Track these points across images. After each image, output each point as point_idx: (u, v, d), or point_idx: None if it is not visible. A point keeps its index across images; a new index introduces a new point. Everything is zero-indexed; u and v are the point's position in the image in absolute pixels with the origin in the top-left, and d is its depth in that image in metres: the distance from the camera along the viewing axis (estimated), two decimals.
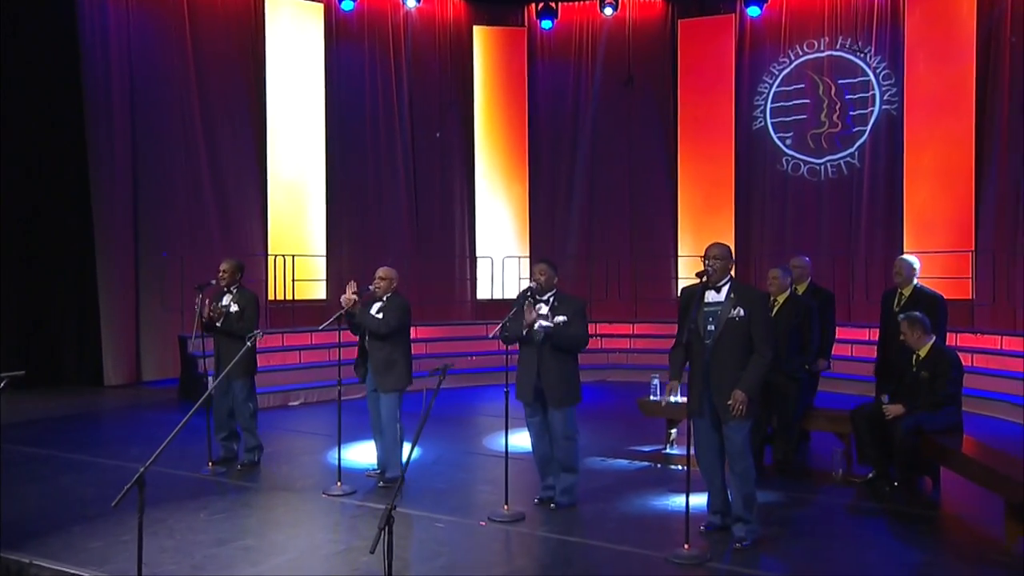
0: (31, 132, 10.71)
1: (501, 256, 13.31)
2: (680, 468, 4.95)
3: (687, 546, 4.74)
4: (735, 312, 4.93)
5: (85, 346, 11.12)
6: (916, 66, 11.94)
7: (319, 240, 12.55)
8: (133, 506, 5.39)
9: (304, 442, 7.98)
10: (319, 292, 12.26)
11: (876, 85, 12.34)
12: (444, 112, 13.54)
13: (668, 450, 7.28)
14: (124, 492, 3.77)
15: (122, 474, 6.13)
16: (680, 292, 5.32)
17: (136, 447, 7.31)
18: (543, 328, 5.40)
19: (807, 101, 12.85)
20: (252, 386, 6.91)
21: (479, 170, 13.81)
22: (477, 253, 13.67)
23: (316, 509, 5.83)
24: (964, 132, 11.49)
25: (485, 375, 10.46)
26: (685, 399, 5.34)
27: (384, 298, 6.28)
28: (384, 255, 12.29)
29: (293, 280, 11.78)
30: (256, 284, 11.26)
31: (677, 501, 5.68)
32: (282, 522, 5.52)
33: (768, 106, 13.15)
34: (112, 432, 8.67)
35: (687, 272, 12.56)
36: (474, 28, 13.80)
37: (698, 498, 5.30)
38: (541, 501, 5.75)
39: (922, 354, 6.02)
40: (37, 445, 7.59)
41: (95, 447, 7.58)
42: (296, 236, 12.33)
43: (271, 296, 11.71)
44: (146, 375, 11.21)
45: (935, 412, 5.88)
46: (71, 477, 6.50)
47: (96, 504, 5.61)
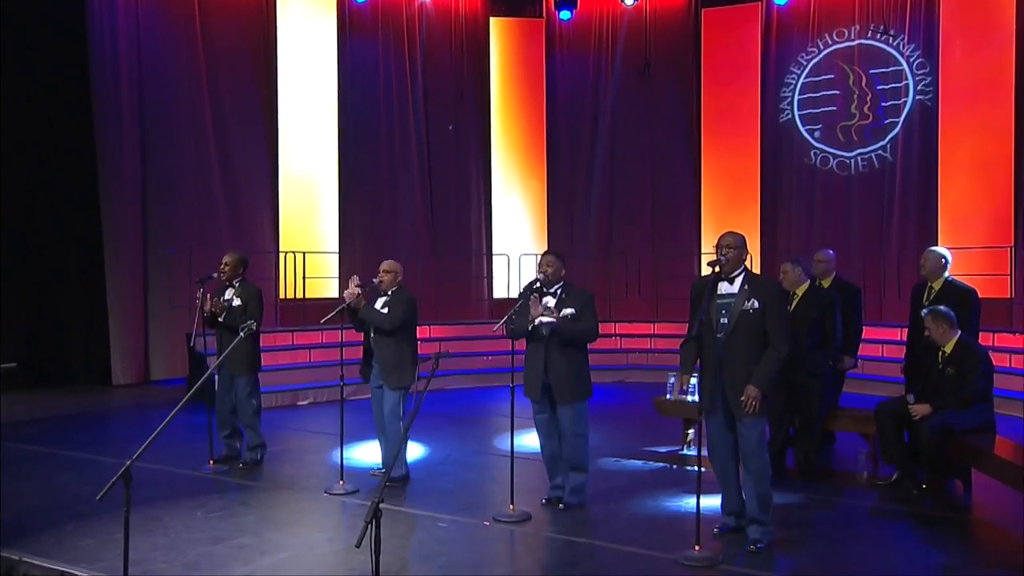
0: (39, 128, 10.84)
1: (518, 253, 13.23)
2: (697, 470, 4.84)
3: (698, 547, 4.65)
4: (749, 304, 4.83)
5: (93, 345, 11.22)
6: (951, 53, 11.72)
7: (331, 237, 12.56)
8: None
9: (311, 441, 7.97)
10: (331, 290, 12.26)
11: (909, 74, 12.13)
12: (459, 105, 13.51)
13: (685, 451, 7.17)
14: (109, 486, 3.78)
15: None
16: (693, 284, 5.21)
17: (138, 446, 7.30)
18: (545, 325, 5.32)
19: (837, 92, 12.66)
20: (255, 383, 6.90)
21: (496, 165, 13.77)
22: (493, 250, 13.62)
23: (317, 508, 5.80)
24: (1002, 122, 11.26)
25: (500, 375, 10.38)
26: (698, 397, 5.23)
27: (389, 293, 6.24)
28: (398, 252, 12.25)
29: (304, 278, 11.79)
30: (266, 282, 11.28)
31: (691, 503, 5.55)
32: (281, 521, 5.49)
33: (796, 98, 12.99)
34: (116, 431, 8.73)
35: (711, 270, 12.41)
36: (491, 19, 13.77)
37: (713, 499, 5.22)
38: (549, 501, 5.68)
39: (948, 350, 5.87)
40: (38, 443, 7.65)
41: (97, 445, 7.62)
42: (308, 232, 12.35)
43: (282, 295, 11.72)
44: (155, 374, 11.28)
45: (964, 410, 5.72)
46: (69, 475, 6.52)
47: (91, 502, 5.60)
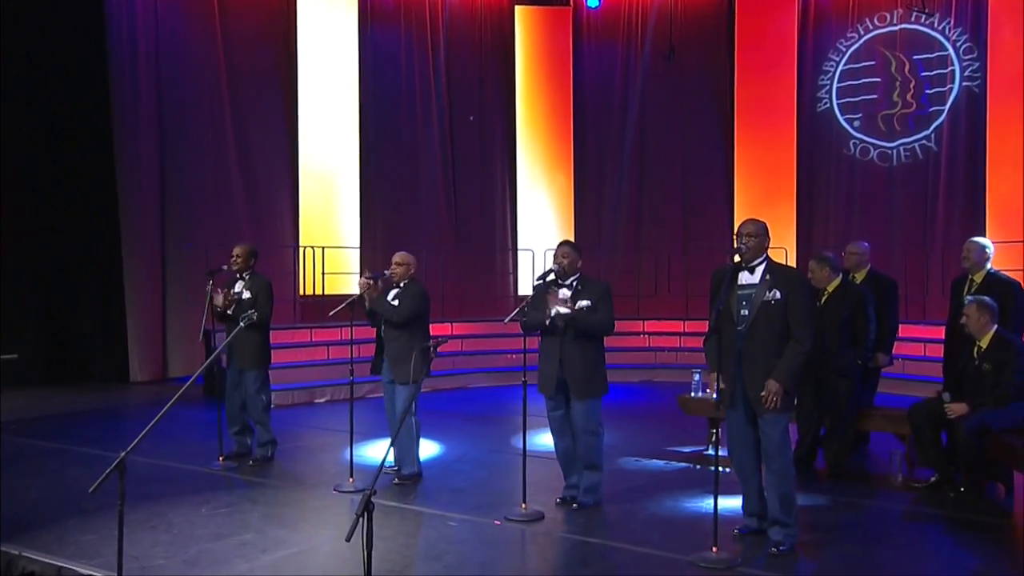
0: (56, 124, 11.00)
1: (543, 248, 13.13)
2: (722, 470, 4.76)
3: (715, 549, 4.56)
4: (771, 294, 4.72)
5: (111, 342, 11.36)
6: (1001, 37, 11.41)
7: (352, 231, 12.59)
8: (130, 500, 5.48)
9: (325, 438, 7.97)
10: (351, 286, 12.27)
11: (956, 60, 11.86)
12: (483, 97, 13.47)
13: (709, 451, 7.06)
14: (103, 478, 3.80)
15: (131, 469, 6.18)
16: (712, 273, 5.11)
17: (151, 443, 7.36)
18: (561, 316, 5.26)
19: (878, 80, 12.42)
20: (265, 378, 6.93)
21: (521, 157, 13.72)
22: (519, 245, 13.57)
23: (324, 505, 5.80)
24: None
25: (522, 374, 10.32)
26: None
27: (401, 285, 6.23)
28: (420, 247, 12.27)
29: (323, 273, 11.83)
30: (286, 277, 11.38)
31: (711, 504, 5.45)
32: (286, 518, 5.48)
33: (834, 86, 12.77)
34: (130, 428, 8.77)
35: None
36: (516, 8, 13.71)
37: (735, 500, 5.13)
38: (563, 501, 5.62)
39: (983, 345, 5.73)
40: (51, 439, 7.75)
41: (109, 442, 7.69)
42: (328, 227, 12.39)
43: (301, 291, 11.78)
44: (172, 371, 11.39)
45: (1002, 409, 5.56)
46: (78, 471, 6.58)
47: (96, 498, 5.62)
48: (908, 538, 5.16)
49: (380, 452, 7.03)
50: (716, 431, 7.06)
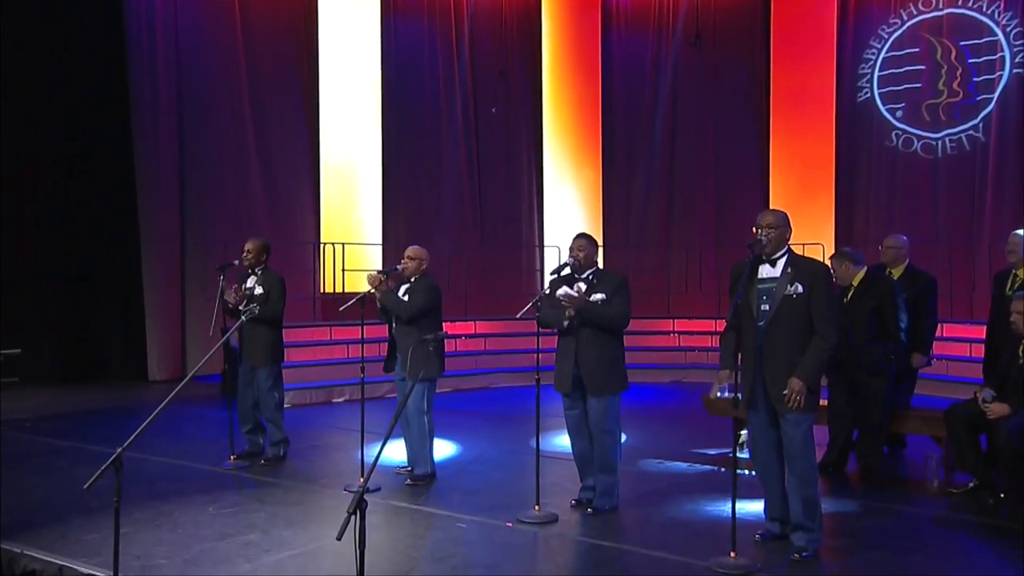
0: (75, 121, 11.16)
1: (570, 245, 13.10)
2: (733, 472, 4.67)
3: (733, 554, 4.48)
4: (792, 288, 4.63)
5: (130, 341, 11.51)
6: None
7: (373, 228, 12.62)
8: (136, 499, 5.55)
9: (340, 438, 7.99)
10: None
11: (1006, 45, 11.60)
12: (508, 88, 13.43)
13: (737, 454, 6.95)
14: (98, 474, 3.83)
15: (140, 468, 6.27)
16: (732, 266, 5.03)
17: (164, 442, 7.46)
18: (567, 296, 5.19)
19: (922, 67, 12.21)
20: (278, 375, 6.96)
21: (547, 151, 13.69)
22: (545, 241, 13.52)
23: (333, 505, 5.79)
24: None
25: (545, 373, 10.27)
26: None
27: (412, 279, 6.22)
28: (443, 243, 12.31)
29: (344, 270, 11.87)
30: (305, 274, 11.44)
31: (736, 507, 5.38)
32: (293, 518, 5.49)
33: (875, 74, 12.57)
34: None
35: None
36: None
37: (757, 504, 5.04)
38: (578, 503, 5.57)
39: None
40: (65, 438, 7.85)
41: (123, 441, 7.71)
42: (349, 223, 12.44)
43: (321, 288, 11.83)
44: (191, 370, 11.47)
45: None
46: (87, 470, 6.57)
47: (102, 496, 5.69)
48: (939, 545, 5.04)
49: (394, 452, 7.02)
50: (744, 433, 6.99)
